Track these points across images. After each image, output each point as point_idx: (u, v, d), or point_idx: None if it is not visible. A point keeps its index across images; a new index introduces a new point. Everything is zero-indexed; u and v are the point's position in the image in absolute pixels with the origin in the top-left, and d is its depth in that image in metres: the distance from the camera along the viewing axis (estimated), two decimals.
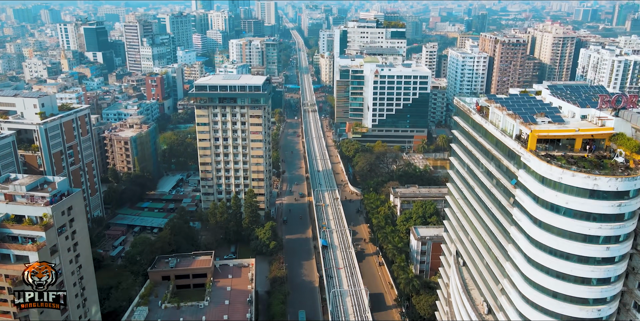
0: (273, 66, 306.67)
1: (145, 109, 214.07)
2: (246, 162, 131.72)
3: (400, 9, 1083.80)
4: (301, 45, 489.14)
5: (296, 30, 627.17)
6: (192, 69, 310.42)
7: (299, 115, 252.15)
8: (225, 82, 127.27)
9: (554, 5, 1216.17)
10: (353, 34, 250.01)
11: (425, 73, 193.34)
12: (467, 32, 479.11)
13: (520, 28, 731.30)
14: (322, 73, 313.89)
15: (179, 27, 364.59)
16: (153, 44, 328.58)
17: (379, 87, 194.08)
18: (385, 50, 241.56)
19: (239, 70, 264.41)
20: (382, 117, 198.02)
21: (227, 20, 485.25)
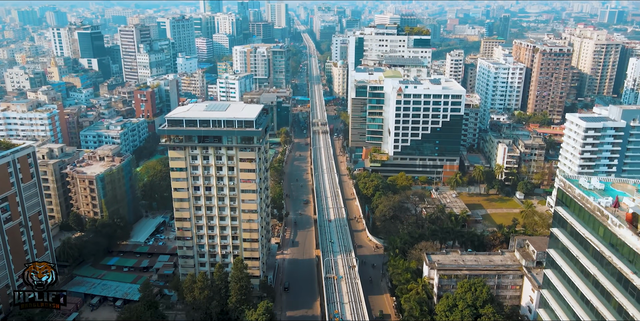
0: (280, 75, 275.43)
1: (130, 130, 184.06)
2: (235, 218, 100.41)
3: (415, 10, 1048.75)
4: (312, 50, 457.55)
5: (307, 33, 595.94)
6: (192, 79, 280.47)
7: (308, 133, 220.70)
8: (207, 115, 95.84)
9: (575, 6, 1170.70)
10: (370, 42, 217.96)
11: (458, 91, 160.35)
12: (491, 37, 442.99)
13: (543, 30, 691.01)
14: (335, 83, 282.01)
15: (181, 32, 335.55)
16: (151, 50, 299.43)
17: (402, 108, 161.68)
18: (408, 60, 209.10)
19: (242, 82, 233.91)
20: (406, 143, 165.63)
21: (235, 23, 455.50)
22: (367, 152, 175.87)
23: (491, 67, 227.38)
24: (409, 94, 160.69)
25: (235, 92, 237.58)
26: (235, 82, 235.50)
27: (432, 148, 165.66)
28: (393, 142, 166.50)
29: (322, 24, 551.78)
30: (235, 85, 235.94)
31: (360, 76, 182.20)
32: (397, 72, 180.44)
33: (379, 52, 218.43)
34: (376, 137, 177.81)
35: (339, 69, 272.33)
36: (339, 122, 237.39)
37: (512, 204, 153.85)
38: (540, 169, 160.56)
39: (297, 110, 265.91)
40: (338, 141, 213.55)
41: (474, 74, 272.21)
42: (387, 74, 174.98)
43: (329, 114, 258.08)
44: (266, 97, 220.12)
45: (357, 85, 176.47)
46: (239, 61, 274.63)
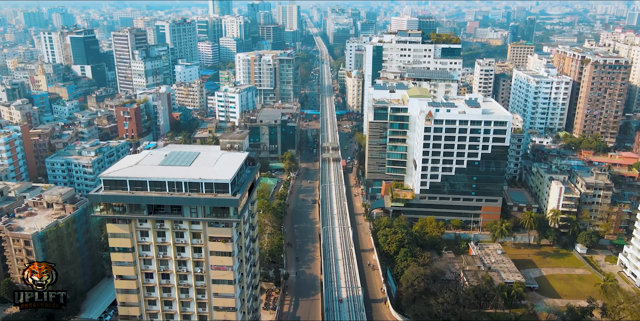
0: (288, 86, 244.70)
1: (107, 156, 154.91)
2: (205, 316, 69.77)
3: (431, 12, 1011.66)
4: (325, 55, 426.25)
5: (320, 36, 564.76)
6: (190, 90, 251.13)
7: (317, 155, 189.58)
8: (161, 173, 64.99)
9: (599, 8, 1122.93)
10: (390, 51, 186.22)
11: (503, 117, 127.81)
12: (519, 42, 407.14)
13: (569, 33, 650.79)
14: (349, 95, 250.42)
15: (182, 36, 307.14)
16: (147, 57, 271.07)
17: (432, 137, 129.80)
18: (435, 73, 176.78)
19: (243, 95, 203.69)
20: (436, 178, 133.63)
21: (243, 26, 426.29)
22: (388, 188, 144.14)
23: (531, 80, 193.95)
24: (440, 120, 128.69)
25: (236, 107, 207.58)
26: (236, 95, 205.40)
27: (468, 186, 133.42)
28: (420, 177, 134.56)
29: (336, 26, 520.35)
30: (236, 99, 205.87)
31: (379, 94, 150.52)
32: (424, 91, 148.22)
33: (401, 63, 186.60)
34: (398, 168, 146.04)
35: (353, 80, 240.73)
36: (353, 142, 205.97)
37: (573, 261, 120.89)
38: (606, 215, 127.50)
39: (305, 126, 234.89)
40: (352, 167, 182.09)
41: (506, 87, 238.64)
42: (413, 93, 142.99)
43: (342, 130, 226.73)
44: (268, 114, 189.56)
45: (375, 106, 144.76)
46: (241, 70, 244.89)
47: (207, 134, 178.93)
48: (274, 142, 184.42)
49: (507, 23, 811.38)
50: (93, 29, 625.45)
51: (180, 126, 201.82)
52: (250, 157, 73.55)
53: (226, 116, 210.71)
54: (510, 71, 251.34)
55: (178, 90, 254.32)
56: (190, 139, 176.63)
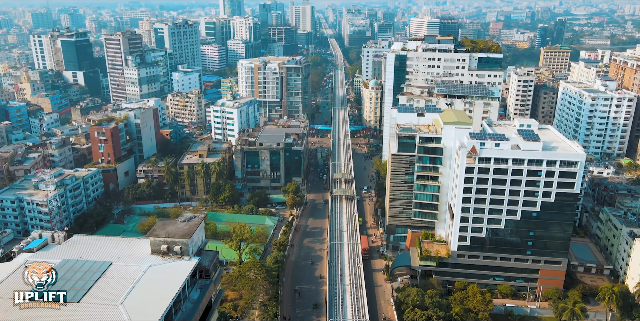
0: (296, 98, 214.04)
1: (72, 189, 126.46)
2: None
3: (450, 13, 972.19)
4: (339, 59, 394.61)
5: (335, 38, 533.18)
6: (187, 101, 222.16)
7: (328, 182, 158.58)
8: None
9: (626, 8, 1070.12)
10: (416, 61, 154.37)
11: (573, 156, 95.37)
12: (551, 46, 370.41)
13: (599, 35, 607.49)
14: (365, 109, 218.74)
15: (182, 40, 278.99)
16: (141, 63, 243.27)
17: (476, 179, 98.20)
18: (470, 89, 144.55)
19: (243, 110, 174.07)
20: (479, 232, 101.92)
21: (252, 28, 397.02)
22: (414, 238, 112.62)
23: (586, 96, 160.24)
24: (487, 158, 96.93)
25: (234, 124, 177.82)
26: (234, 111, 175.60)
27: (522, 243, 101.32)
28: (458, 229, 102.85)
29: (351, 28, 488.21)
30: (234, 115, 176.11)
31: (404, 118, 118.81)
32: (461, 115, 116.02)
33: (428, 75, 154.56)
34: (428, 213, 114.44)
35: (370, 92, 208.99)
36: (370, 167, 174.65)
37: None
38: None
39: (315, 143, 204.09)
40: (369, 200, 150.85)
41: (547, 101, 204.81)
42: (448, 118, 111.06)
43: (357, 150, 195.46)
44: (270, 135, 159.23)
45: (400, 134, 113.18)
46: (244, 79, 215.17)
47: (197, 159, 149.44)
48: (276, 169, 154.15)
49: (531, 24, 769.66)
50: (101, 29, 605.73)
51: (169, 147, 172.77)
52: (202, 266, 42.93)
53: (223, 133, 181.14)
54: (552, 81, 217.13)
55: (173, 101, 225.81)
56: (176, 167, 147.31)
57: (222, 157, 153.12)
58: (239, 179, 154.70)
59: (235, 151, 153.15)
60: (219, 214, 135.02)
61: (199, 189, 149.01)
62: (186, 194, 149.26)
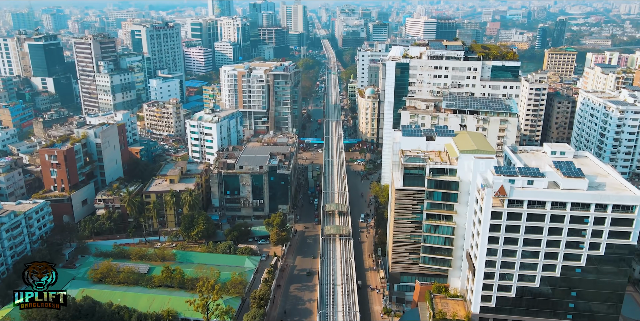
0: (284, 108, 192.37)
1: (10, 228, 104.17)
2: None
3: (445, 12, 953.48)
4: (333, 62, 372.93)
5: (328, 39, 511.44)
6: (164, 111, 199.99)
7: (319, 211, 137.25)
8: None
9: (622, 8, 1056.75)
10: (420, 70, 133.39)
11: (630, 199, 74.74)
12: (557, 48, 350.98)
13: (598, 35, 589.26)
14: (361, 120, 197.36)
15: (162, 43, 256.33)
16: (115, 69, 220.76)
17: (505, 227, 77.48)
18: (484, 102, 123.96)
19: (223, 125, 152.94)
20: (508, 291, 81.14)
21: (240, 29, 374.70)
22: (424, 292, 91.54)
23: (612, 108, 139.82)
24: (519, 201, 76.12)
25: (213, 141, 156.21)
26: (213, 126, 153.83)
27: (562, 305, 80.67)
28: (481, 287, 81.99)
29: (345, 29, 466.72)
30: (213, 130, 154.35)
31: (410, 143, 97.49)
32: (481, 140, 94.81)
33: (434, 86, 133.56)
34: (440, 259, 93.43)
35: (367, 102, 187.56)
36: (367, 189, 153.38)
37: None
38: None
39: (306, 159, 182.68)
40: (367, 233, 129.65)
41: (562, 111, 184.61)
42: (464, 145, 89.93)
43: (352, 168, 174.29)
44: (253, 156, 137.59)
45: (407, 165, 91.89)
46: (227, 88, 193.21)
47: (166, 186, 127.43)
48: (259, 196, 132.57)
49: (528, 23, 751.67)
50: (84, 31, 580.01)
51: (139, 167, 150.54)
52: None
53: (201, 151, 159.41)
54: (565, 88, 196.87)
55: (149, 111, 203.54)
56: (142, 196, 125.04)
57: (197, 182, 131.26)
58: (216, 208, 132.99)
59: (211, 176, 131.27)
60: (190, 254, 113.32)
61: (169, 220, 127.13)
62: (154, 226, 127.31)
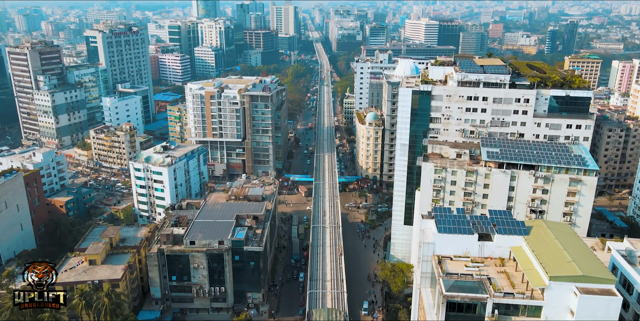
0: (264, 137, 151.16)
1: None
2: None
3: (442, 13, 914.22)
4: (327, 69, 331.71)
5: (321, 43, 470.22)
6: (115, 140, 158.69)
7: (305, 289, 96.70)
8: None
9: (622, 9, 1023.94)
10: (447, 102, 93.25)
11: None
12: (578, 55, 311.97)
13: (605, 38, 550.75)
14: (361, 153, 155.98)
15: (124, 51, 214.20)
16: (60, 85, 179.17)
17: None
18: (542, 151, 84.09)
19: (179, 168, 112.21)
20: None
21: (224, 32, 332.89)
22: None
23: None
24: None
25: (165, 191, 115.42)
26: (164, 171, 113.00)
27: None
28: None
29: (340, 31, 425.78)
30: (164, 176, 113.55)
31: (451, 245, 56.81)
32: (574, 244, 55.02)
33: (468, 124, 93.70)
34: None
35: (367, 129, 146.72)
36: (369, 254, 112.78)
37: None
38: None
39: (290, 205, 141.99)
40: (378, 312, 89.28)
41: (613, 141, 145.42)
42: (551, 259, 49.99)
43: (350, 217, 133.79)
44: (208, 223, 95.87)
45: (450, 296, 51.66)
46: (193, 111, 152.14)
47: (83, 270, 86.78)
48: (218, 281, 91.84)
49: (530, 25, 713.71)
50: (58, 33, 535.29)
51: (61, 229, 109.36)
52: None
53: (149, 202, 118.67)
54: (616, 112, 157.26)
55: (97, 140, 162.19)
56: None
57: (130, 263, 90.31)
58: (156, 300, 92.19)
59: (148, 256, 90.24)
60: None
61: None
62: None
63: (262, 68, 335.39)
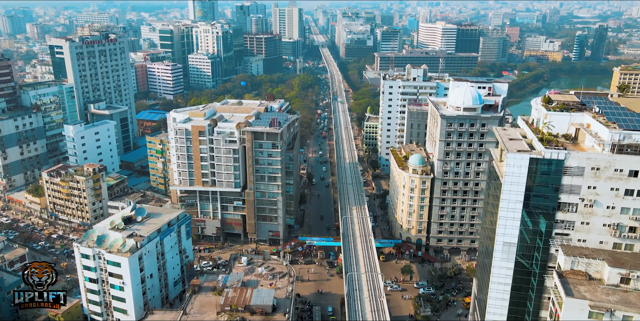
0: (271, 186, 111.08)
1: None
2: None
3: (448, 15, 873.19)
4: (338, 80, 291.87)
5: (328, 47, 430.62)
6: (74, 187, 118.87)
7: None
8: None
9: (634, 10, 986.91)
10: (594, 180, 53.57)
11: None
12: (629, 65, 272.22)
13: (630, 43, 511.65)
14: (399, 207, 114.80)
15: (99, 64, 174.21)
16: (10, 110, 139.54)
17: None
18: None
19: (148, 256, 71.08)
20: None
21: (221, 38, 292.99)
22: None
23: None
24: None
25: (126, 289, 75.79)
26: (124, 261, 73.45)
27: None
28: None
29: (349, 36, 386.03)
30: (124, 268, 74.02)
31: None
32: None
33: (626, 215, 55.28)
34: None
35: (411, 178, 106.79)
36: None
37: None
38: None
39: (308, 279, 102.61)
40: None
41: None
42: None
43: (394, 310, 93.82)
44: None
45: None
46: (177, 150, 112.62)
47: None
48: None
49: (544, 28, 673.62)
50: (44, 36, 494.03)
51: None
52: None
53: (104, 304, 79.03)
54: None
55: (51, 184, 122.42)
56: None
57: None
58: None
59: None
60: None
61: None
62: None
63: (264, 78, 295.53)
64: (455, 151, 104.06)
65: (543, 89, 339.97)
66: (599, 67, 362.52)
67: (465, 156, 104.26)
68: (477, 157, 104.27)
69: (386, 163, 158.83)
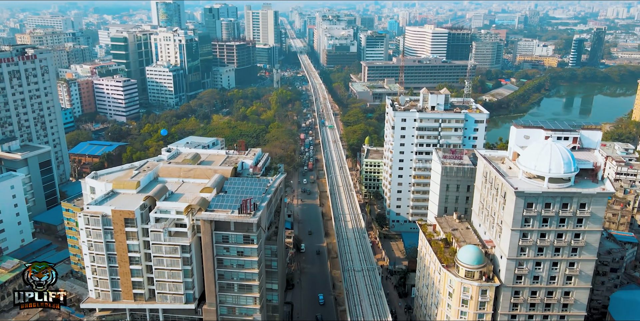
0: (244, 298, 70.79)
1: None
2: None
3: (427, 17, 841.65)
4: (322, 95, 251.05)
5: (307, 54, 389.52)
6: None
7: None
8: None
9: (609, 12, 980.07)
10: None
11: None
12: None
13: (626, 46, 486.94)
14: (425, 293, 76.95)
15: (10, 90, 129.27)
16: None
17: None
18: None
19: None
20: None
21: (185, 46, 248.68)
22: None
23: None
24: None
25: None
26: None
27: None
28: None
29: (331, 41, 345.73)
30: None
31: None
32: None
33: None
34: None
35: (464, 285, 67.37)
36: None
37: None
38: None
39: None
40: None
41: None
42: None
43: None
44: None
45: None
46: (91, 247, 70.81)
47: None
48: None
49: (527, 30, 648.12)
50: None
51: None
52: None
53: None
54: None
55: None
56: None
57: None
58: None
59: None
60: None
61: None
62: None
63: (237, 94, 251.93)
64: (537, 245, 65.15)
65: (544, 99, 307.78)
66: (601, 74, 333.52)
67: (551, 252, 65.44)
68: (569, 254, 65.56)
69: (396, 218, 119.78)
